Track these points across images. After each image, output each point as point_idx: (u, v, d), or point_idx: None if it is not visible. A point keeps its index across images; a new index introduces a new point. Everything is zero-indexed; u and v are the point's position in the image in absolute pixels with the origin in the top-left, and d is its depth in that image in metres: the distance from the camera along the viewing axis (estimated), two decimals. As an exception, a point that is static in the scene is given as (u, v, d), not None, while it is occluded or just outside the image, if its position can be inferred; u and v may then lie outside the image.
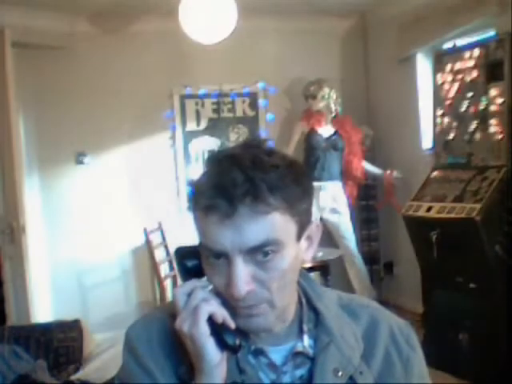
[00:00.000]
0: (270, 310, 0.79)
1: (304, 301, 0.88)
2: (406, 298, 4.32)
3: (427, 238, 3.24)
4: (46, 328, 2.70)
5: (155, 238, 4.08)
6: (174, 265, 4.19)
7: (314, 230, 0.85)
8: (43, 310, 3.98)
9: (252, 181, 0.74)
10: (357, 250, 4.29)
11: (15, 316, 3.36)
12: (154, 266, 3.94)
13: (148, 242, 3.92)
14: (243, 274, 0.75)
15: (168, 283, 4.06)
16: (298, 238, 0.81)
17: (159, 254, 4.07)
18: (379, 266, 4.72)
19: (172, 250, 4.20)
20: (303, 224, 0.81)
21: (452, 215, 3.16)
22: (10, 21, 3.58)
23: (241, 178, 0.74)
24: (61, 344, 2.63)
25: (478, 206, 3.03)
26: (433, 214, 3.30)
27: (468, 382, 2.96)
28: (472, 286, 3.13)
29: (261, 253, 0.76)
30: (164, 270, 4.09)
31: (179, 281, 4.17)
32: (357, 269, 4.27)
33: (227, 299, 0.79)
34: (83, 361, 2.64)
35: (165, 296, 3.83)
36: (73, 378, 2.42)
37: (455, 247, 3.13)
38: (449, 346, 3.11)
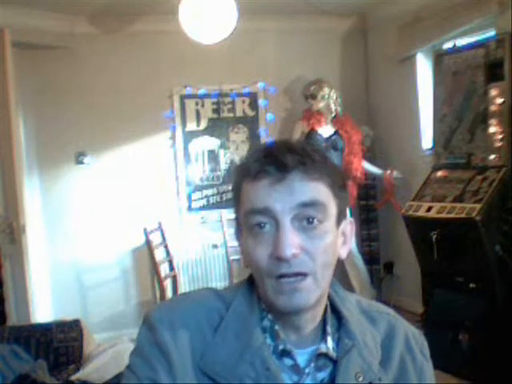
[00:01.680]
0: (313, 286, 0.79)
1: (328, 304, 0.88)
2: (406, 297, 4.32)
3: (427, 238, 3.24)
4: (46, 328, 2.70)
5: (155, 238, 4.08)
6: (174, 265, 4.20)
7: (349, 227, 0.88)
8: (43, 310, 3.98)
9: (302, 156, 0.79)
10: (357, 250, 4.29)
11: (15, 316, 3.36)
12: (154, 266, 3.94)
13: (148, 242, 3.92)
14: (290, 236, 0.77)
15: (168, 283, 4.06)
16: (338, 223, 0.84)
17: (159, 254, 4.07)
18: (379, 266, 4.72)
19: (172, 250, 4.21)
20: (341, 212, 0.84)
21: (452, 215, 3.16)
22: (10, 21, 3.58)
23: (291, 153, 0.79)
24: (61, 344, 2.63)
25: (477, 206, 3.03)
26: (433, 214, 3.30)
27: (468, 382, 2.96)
28: (472, 285, 3.13)
29: (307, 219, 0.79)
30: (164, 270, 4.09)
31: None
32: (357, 269, 4.27)
33: (271, 271, 0.78)
34: (83, 361, 2.64)
35: (165, 296, 3.84)
36: (73, 378, 2.43)
37: (455, 247, 3.13)
38: (449, 345, 3.11)
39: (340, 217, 0.84)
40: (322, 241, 0.79)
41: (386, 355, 0.86)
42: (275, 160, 0.78)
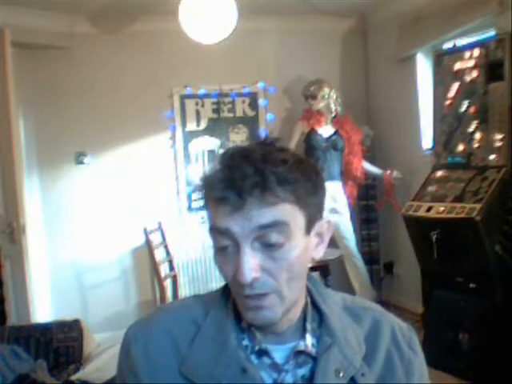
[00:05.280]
0: (278, 302, 0.80)
1: (309, 300, 0.89)
2: (406, 297, 4.32)
3: (427, 238, 3.24)
4: (46, 328, 2.70)
5: (155, 238, 4.08)
6: (174, 265, 4.20)
7: (325, 227, 0.86)
8: (43, 310, 3.98)
9: (262, 173, 0.76)
10: (357, 250, 4.29)
11: (15, 316, 3.35)
12: (154, 266, 3.94)
13: (148, 242, 3.92)
14: (250, 261, 0.77)
15: (168, 283, 4.06)
16: (307, 231, 0.81)
17: (159, 254, 4.07)
18: (379, 266, 4.71)
19: (172, 250, 4.20)
20: (312, 218, 0.82)
21: (452, 215, 3.16)
22: (10, 21, 3.58)
23: (251, 171, 0.76)
24: (61, 344, 2.63)
25: (478, 206, 3.03)
26: (433, 214, 3.30)
27: (468, 382, 2.96)
28: (472, 285, 3.13)
29: (268, 240, 0.77)
30: (164, 270, 4.09)
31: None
32: (357, 269, 4.27)
33: (237, 290, 0.80)
34: (83, 361, 2.64)
35: (165, 296, 3.84)
36: (73, 378, 2.43)
37: (455, 247, 3.13)
38: (449, 346, 3.11)
39: (311, 223, 0.82)
40: (284, 260, 0.78)
41: (370, 350, 0.87)
42: (234, 185, 0.75)
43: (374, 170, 4.40)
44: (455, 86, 3.54)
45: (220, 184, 0.77)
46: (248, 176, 0.75)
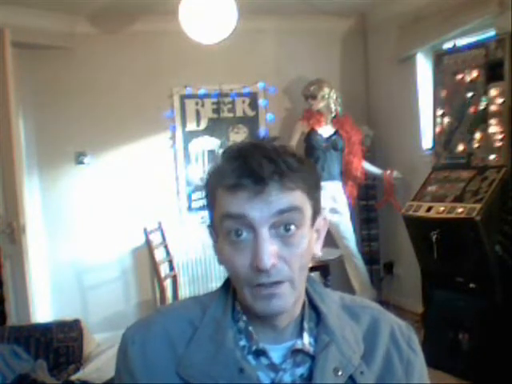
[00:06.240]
0: (290, 291, 0.81)
1: (306, 300, 0.89)
2: (406, 297, 4.33)
3: (427, 238, 3.24)
4: (46, 328, 2.70)
5: (155, 238, 4.08)
6: (174, 265, 4.20)
7: (322, 223, 0.88)
8: (43, 310, 3.98)
9: (276, 162, 0.78)
10: (357, 250, 4.29)
11: (15, 316, 3.36)
12: (154, 266, 3.94)
13: (148, 242, 3.92)
14: (269, 246, 0.77)
15: (168, 283, 4.06)
16: (312, 223, 0.84)
17: (159, 254, 4.07)
18: (379, 266, 4.71)
19: (172, 250, 4.21)
20: (315, 211, 0.84)
21: (452, 215, 3.16)
22: (10, 21, 3.58)
23: (265, 160, 0.78)
24: (61, 344, 2.63)
25: (478, 206, 3.03)
26: (433, 214, 3.30)
27: (468, 382, 2.96)
28: (472, 285, 3.13)
29: (284, 226, 0.79)
30: (164, 270, 4.09)
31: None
32: (357, 269, 4.27)
33: (250, 279, 0.79)
34: (83, 361, 2.64)
35: (165, 296, 3.84)
36: (73, 378, 2.43)
37: (455, 247, 3.13)
38: (449, 345, 3.11)
39: (314, 216, 0.84)
40: (298, 248, 0.80)
41: (369, 349, 0.87)
42: (252, 172, 0.77)
43: (374, 169, 4.40)
44: (455, 86, 3.54)
45: (235, 172, 0.78)
46: (264, 164, 0.77)
